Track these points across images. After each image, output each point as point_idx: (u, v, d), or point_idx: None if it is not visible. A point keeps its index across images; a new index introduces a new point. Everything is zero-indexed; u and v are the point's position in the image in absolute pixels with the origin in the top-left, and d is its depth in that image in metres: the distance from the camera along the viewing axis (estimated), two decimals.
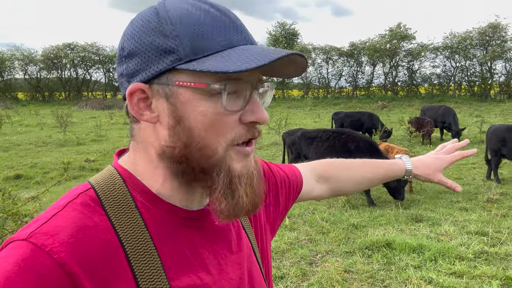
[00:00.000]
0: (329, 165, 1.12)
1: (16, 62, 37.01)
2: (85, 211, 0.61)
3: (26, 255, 0.53)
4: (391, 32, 29.69)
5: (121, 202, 0.64)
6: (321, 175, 1.08)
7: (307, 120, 18.41)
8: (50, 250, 0.54)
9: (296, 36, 33.91)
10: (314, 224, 5.03)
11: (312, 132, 7.01)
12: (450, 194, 6.58)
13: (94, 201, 0.63)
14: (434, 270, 3.62)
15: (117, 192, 0.65)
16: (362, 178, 1.12)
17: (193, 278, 0.64)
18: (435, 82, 30.58)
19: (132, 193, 0.65)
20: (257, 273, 0.78)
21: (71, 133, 14.44)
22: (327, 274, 3.61)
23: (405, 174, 1.14)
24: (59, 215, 0.59)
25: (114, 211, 0.62)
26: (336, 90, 33.86)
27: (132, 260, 0.60)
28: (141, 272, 0.59)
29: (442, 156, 1.18)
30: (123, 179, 0.67)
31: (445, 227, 4.75)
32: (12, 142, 12.50)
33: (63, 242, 0.56)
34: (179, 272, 0.63)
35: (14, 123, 18.35)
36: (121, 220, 0.62)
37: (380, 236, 4.49)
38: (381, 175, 1.14)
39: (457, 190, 1.15)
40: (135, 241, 0.61)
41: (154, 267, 0.61)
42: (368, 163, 1.15)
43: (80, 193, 0.64)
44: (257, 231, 0.85)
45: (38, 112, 24.32)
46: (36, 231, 0.56)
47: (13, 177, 7.79)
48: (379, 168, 1.14)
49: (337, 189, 1.11)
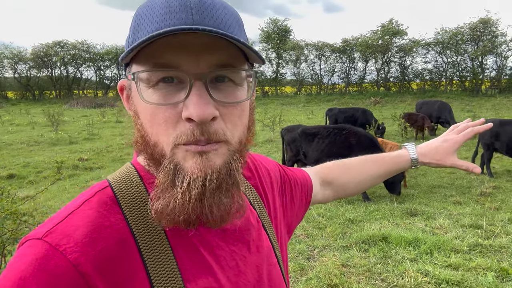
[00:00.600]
0: (330, 169, 1.07)
1: (6, 60, 36.54)
2: (101, 210, 0.60)
3: (40, 255, 0.53)
4: (383, 28, 29.81)
5: (138, 201, 0.62)
6: (324, 179, 1.05)
7: (300, 117, 18.45)
8: (64, 250, 0.54)
9: (288, 33, 33.88)
10: (311, 220, 5.06)
11: (313, 128, 6.96)
12: (444, 188, 6.66)
13: (111, 200, 0.62)
14: (430, 263, 3.67)
15: (134, 190, 0.63)
16: (365, 177, 1.07)
17: (210, 280, 0.62)
18: (427, 78, 30.80)
19: (149, 190, 0.63)
20: (277, 275, 0.75)
21: (63, 132, 14.32)
22: (325, 268, 3.64)
23: (412, 164, 1.06)
24: (75, 214, 0.59)
25: (131, 210, 0.61)
26: (329, 86, 33.97)
27: (147, 261, 0.58)
28: (156, 274, 0.58)
29: (452, 136, 1.07)
30: (140, 177, 0.65)
31: (439, 221, 4.80)
32: (3, 141, 12.37)
33: (78, 242, 0.55)
34: (195, 273, 0.61)
35: (5, 122, 18.14)
36: (137, 220, 0.60)
37: (376, 230, 4.53)
38: (384, 170, 1.07)
39: (476, 171, 1.02)
40: (150, 242, 0.60)
41: (169, 268, 0.59)
42: (370, 160, 1.09)
43: (98, 191, 0.63)
44: (277, 231, 0.82)
45: (29, 111, 24.07)
46: (51, 230, 0.56)
47: (6, 176, 7.72)
48: (382, 163, 1.08)
49: (341, 191, 1.07)
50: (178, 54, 0.55)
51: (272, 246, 0.77)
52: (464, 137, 1.05)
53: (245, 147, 0.64)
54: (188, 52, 0.55)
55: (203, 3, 0.56)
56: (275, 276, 0.74)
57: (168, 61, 0.55)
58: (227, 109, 0.58)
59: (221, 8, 0.58)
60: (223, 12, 0.58)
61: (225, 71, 0.58)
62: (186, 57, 0.55)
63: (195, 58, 0.55)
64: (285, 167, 0.97)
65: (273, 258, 0.76)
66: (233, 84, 0.59)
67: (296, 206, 0.93)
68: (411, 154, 1.05)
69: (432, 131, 11.60)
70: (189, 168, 0.56)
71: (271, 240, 0.77)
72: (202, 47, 0.55)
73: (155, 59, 0.55)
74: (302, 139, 6.89)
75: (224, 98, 0.58)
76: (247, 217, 0.73)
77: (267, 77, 34.72)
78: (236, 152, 0.60)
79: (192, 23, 0.53)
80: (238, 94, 0.60)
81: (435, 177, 7.42)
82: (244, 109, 0.62)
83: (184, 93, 0.55)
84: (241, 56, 0.60)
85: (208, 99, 0.55)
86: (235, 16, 0.61)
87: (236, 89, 0.60)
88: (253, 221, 0.74)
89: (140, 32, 0.56)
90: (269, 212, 0.82)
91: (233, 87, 0.59)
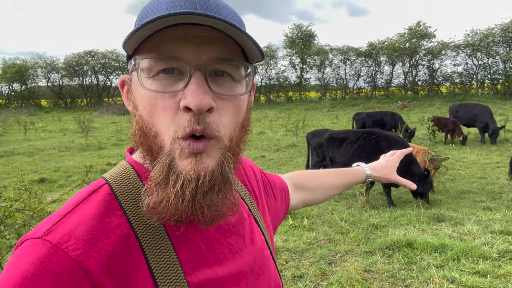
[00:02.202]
0: (301, 175, 1.13)
1: (39, 70, 38.20)
2: (101, 207, 0.60)
3: (42, 254, 0.52)
4: (410, 30, 29.24)
5: (136, 197, 0.62)
6: (296, 185, 1.08)
7: (324, 122, 18.30)
8: (66, 247, 0.53)
9: (312, 38, 33.76)
10: (333, 224, 4.99)
11: (340, 133, 6.75)
12: (474, 193, 6.43)
13: (110, 196, 0.62)
14: (457, 270, 3.54)
15: (131, 186, 0.64)
16: (330, 186, 1.16)
17: (209, 273, 0.63)
18: (457, 81, 29.94)
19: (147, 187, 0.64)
20: (271, 267, 0.77)
21: (93, 138, 14.77)
22: (347, 274, 3.58)
23: (366, 178, 1.21)
24: (74, 212, 0.58)
25: (130, 206, 0.61)
26: (355, 90, 33.54)
27: (149, 255, 0.59)
28: (157, 267, 0.58)
29: (390, 158, 1.29)
30: (137, 173, 0.66)
31: (468, 227, 4.63)
32: (36, 147, 12.86)
33: (79, 239, 0.55)
34: (195, 266, 0.62)
35: (38, 129, 18.88)
36: (136, 215, 0.61)
37: (401, 236, 4.42)
38: (345, 181, 1.19)
39: (412, 188, 1.25)
40: (151, 236, 0.60)
41: (170, 262, 0.60)
42: (333, 171, 1.21)
43: (95, 189, 0.63)
44: (267, 225, 0.84)
45: (61, 118, 24.96)
46: (51, 229, 0.55)
47: (37, 180, 8.00)
48: (343, 175, 1.19)
49: (311, 197, 1.13)
50: (180, 46, 0.56)
51: (265, 239, 0.79)
52: (398, 158, 1.29)
53: (237, 146, 0.63)
54: (190, 44, 0.56)
55: (207, 1, 0.58)
56: (270, 267, 0.76)
57: (170, 52, 0.56)
58: (224, 103, 0.59)
59: (224, 8, 0.60)
60: (226, 11, 0.60)
61: (225, 64, 0.59)
62: (187, 48, 0.56)
63: (196, 50, 0.56)
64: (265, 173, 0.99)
65: (266, 250, 0.77)
66: (231, 79, 0.60)
67: (278, 206, 0.95)
68: (366, 170, 1.21)
69: (464, 142, 11.03)
70: (184, 168, 0.56)
71: (264, 233, 0.79)
72: (204, 40, 0.56)
73: (158, 50, 0.56)
74: (329, 144, 6.70)
75: (222, 91, 0.59)
76: (240, 211, 0.74)
77: (291, 82, 34.67)
78: (227, 150, 0.60)
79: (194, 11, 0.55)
80: (236, 89, 0.61)
81: (465, 182, 7.17)
82: (241, 106, 0.63)
83: (183, 83, 0.56)
84: (240, 54, 0.61)
85: (206, 89, 0.56)
86: (237, 17, 0.63)
87: (234, 84, 0.61)
88: (245, 215, 0.75)
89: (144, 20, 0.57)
90: (258, 207, 0.83)
91: (232, 82, 0.60)
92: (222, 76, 0.59)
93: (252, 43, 0.58)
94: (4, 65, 37.56)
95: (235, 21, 0.60)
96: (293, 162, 9.52)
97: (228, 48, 0.59)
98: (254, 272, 0.71)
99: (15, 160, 10.72)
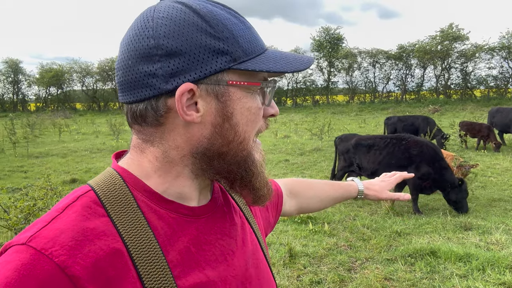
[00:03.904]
0: (297, 182, 1.16)
1: (75, 74, 39.91)
2: (85, 213, 0.59)
3: (26, 260, 0.52)
4: (442, 33, 28.48)
5: (123, 202, 0.63)
6: (291, 191, 1.10)
7: (351, 126, 18.03)
8: (51, 253, 0.53)
9: (340, 41, 33.44)
10: (355, 231, 4.93)
11: (368, 139, 6.57)
12: (505, 201, 6.18)
13: (95, 203, 0.61)
14: (482, 280, 3.43)
15: (117, 193, 0.64)
16: (326, 196, 1.18)
17: (200, 276, 0.63)
18: (492, 85, 28.85)
19: (134, 193, 0.64)
20: (265, 269, 0.77)
21: (123, 140, 15.19)
22: (366, 281, 3.53)
23: (358, 194, 1.22)
24: (59, 218, 0.58)
25: (116, 212, 0.61)
26: (384, 94, 32.93)
27: (137, 260, 0.58)
28: (146, 272, 0.58)
29: (387, 179, 1.30)
30: (123, 180, 0.66)
31: (496, 236, 4.46)
32: (69, 149, 13.38)
33: (64, 245, 0.54)
34: (185, 270, 0.62)
35: (72, 131, 19.60)
36: (123, 221, 0.61)
37: (425, 244, 4.31)
38: (339, 195, 1.20)
39: (406, 199, 1.24)
40: (138, 241, 0.60)
41: (159, 266, 0.59)
42: (329, 183, 1.23)
43: (80, 195, 0.62)
44: (260, 228, 0.85)
45: (94, 121, 25.81)
46: (35, 235, 0.55)
47: (69, 181, 8.32)
48: (337, 188, 1.21)
49: (305, 205, 1.15)
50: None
51: (258, 241, 0.79)
52: (396, 180, 1.29)
53: None
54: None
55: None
56: (263, 270, 0.76)
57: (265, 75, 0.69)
58: None
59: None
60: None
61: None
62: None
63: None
64: None
65: (260, 252, 0.78)
66: None
67: (269, 212, 0.96)
68: (359, 186, 1.22)
69: (498, 149, 10.51)
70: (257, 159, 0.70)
71: (257, 235, 0.80)
72: None
73: (264, 75, 0.69)
74: (356, 150, 6.52)
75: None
76: (232, 213, 0.76)
77: (318, 86, 34.43)
78: None
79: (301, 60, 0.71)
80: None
81: (496, 189, 6.91)
82: None
83: (261, 98, 0.70)
84: None
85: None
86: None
87: None
88: (237, 217, 0.77)
89: (251, 44, 0.66)
90: (250, 209, 0.85)
91: None
92: None
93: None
94: (42, 69, 39.44)
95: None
96: (317, 166, 9.45)
97: None
98: (247, 274, 0.71)
99: (49, 161, 11.19)
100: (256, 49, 0.65)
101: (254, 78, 0.66)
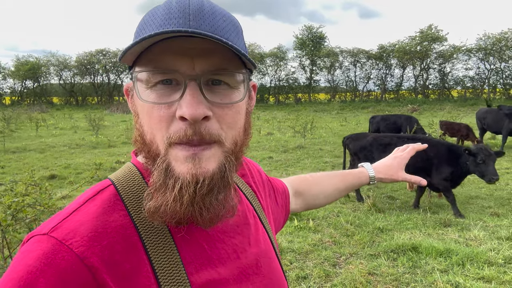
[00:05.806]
0: (303, 180, 1.13)
1: (52, 68, 38.80)
2: (105, 206, 0.61)
3: (47, 249, 0.54)
4: (422, 34, 29.05)
5: (140, 198, 0.64)
6: (296, 190, 1.09)
7: (333, 124, 18.25)
8: (71, 244, 0.55)
9: (323, 39, 33.70)
10: (339, 227, 5.00)
11: (385, 137, 6.54)
12: (482, 199, 6.38)
13: (115, 197, 0.63)
14: (462, 275, 3.54)
15: (136, 188, 0.65)
16: (333, 190, 1.14)
17: (212, 273, 0.63)
18: (468, 85, 29.67)
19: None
20: (276, 268, 0.77)
21: (103, 136, 14.92)
22: (351, 276, 3.59)
23: (370, 180, 1.16)
24: (80, 211, 0.60)
25: (134, 207, 0.63)
26: (364, 93, 33.41)
27: (152, 255, 0.60)
28: (160, 267, 0.59)
29: (399, 154, 1.22)
30: (142, 175, 0.67)
31: (474, 232, 4.61)
32: (47, 144, 13.05)
33: (84, 236, 0.56)
34: (198, 267, 0.63)
35: (49, 126, 19.12)
36: (140, 216, 0.62)
37: (406, 239, 4.42)
38: (349, 184, 1.16)
39: (423, 184, 1.17)
40: (154, 237, 0.61)
41: (173, 262, 0.60)
42: (335, 174, 1.18)
43: (101, 189, 0.65)
44: (272, 227, 0.85)
45: (72, 115, 25.24)
46: (57, 226, 0.57)
47: (48, 177, 8.12)
48: (347, 177, 1.16)
49: (311, 203, 1.12)
50: (175, 58, 0.58)
51: (270, 240, 0.80)
52: (408, 154, 1.21)
53: (240, 149, 0.65)
54: (185, 57, 0.58)
55: (201, 10, 0.59)
56: (274, 269, 0.76)
57: (166, 64, 0.58)
58: (223, 110, 0.60)
59: (219, 16, 0.61)
60: (222, 19, 0.61)
61: (219, 75, 0.60)
62: (182, 61, 0.58)
63: (191, 62, 0.58)
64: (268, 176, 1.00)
65: (272, 252, 0.78)
66: (228, 87, 0.61)
67: (279, 210, 0.96)
68: (370, 171, 1.17)
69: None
70: (181, 173, 0.58)
71: (269, 234, 0.80)
72: (199, 52, 0.58)
73: (155, 62, 0.58)
74: (374, 149, 6.45)
75: (219, 100, 0.60)
76: (245, 212, 0.76)
77: (300, 84, 34.64)
78: (230, 154, 0.62)
79: (188, 27, 0.56)
80: (233, 97, 0.62)
81: (473, 187, 7.12)
82: (240, 111, 0.64)
83: (179, 93, 0.58)
84: (237, 60, 0.62)
85: (201, 99, 0.57)
86: (233, 24, 0.64)
87: (231, 91, 0.62)
88: (251, 216, 0.77)
89: (141, 36, 0.59)
90: (263, 208, 0.85)
91: (229, 89, 0.61)
92: (219, 84, 0.61)
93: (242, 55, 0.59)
94: (18, 62, 38.19)
95: (230, 30, 0.61)
96: (300, 164, 9.52)
97: (225, 57, 0.60)
98: (259, 273, 0.71)
99: (27, 156, 10.89)
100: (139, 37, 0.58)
101: (137, 68, 0.61)
